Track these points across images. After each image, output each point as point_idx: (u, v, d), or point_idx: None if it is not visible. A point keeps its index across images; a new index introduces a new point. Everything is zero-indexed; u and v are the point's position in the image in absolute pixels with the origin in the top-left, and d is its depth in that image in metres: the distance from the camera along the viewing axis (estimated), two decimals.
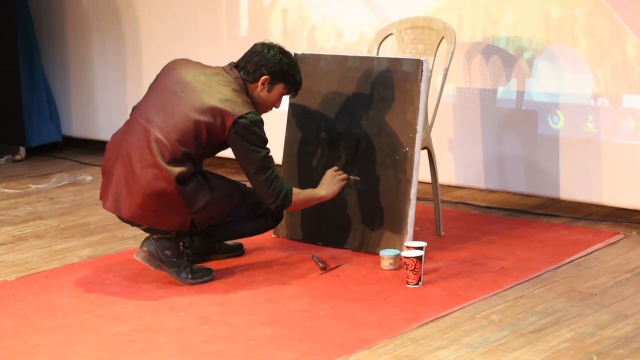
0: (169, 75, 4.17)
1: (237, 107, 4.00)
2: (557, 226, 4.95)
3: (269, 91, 4.18)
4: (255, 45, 4.22)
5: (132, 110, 4.26)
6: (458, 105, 5.40)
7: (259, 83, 4.15)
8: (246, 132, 4.00)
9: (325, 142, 4.68)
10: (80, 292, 4.07)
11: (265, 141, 4.07)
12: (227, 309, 3.85)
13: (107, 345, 3.50)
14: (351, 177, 4.51)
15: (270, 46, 4.19)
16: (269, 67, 4.14)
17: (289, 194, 4.15)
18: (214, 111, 3.99)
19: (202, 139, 4.02)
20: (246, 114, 4.00)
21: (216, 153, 4.22)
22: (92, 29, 6.94)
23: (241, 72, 4.14)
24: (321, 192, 4.34)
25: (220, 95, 4.02)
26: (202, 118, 3.99)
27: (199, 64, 4.23)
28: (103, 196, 4.17)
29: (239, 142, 4.02)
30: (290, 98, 4.34)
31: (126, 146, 4.08)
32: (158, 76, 4.24)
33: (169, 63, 4.25)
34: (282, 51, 4.20)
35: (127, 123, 4.18)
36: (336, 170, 4.43)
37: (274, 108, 4.29)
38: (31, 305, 3.92)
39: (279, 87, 4.20)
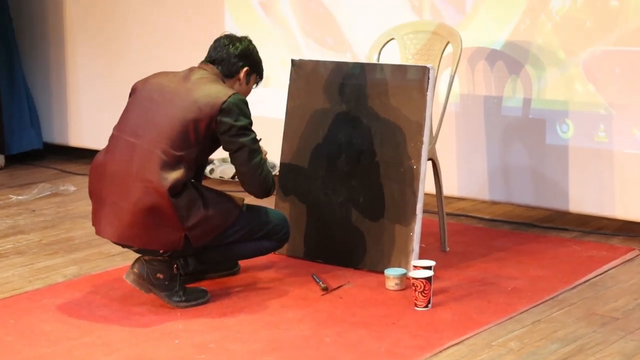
0: (143, 87, 3.98)
1: (220, 93, 3.82)
2: (568, 241, 4.72)
3: (247, 83, 4.04)
4: (222, 38, 4.03)
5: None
6: (461, 112, 5.16)
7: (240, 75, 3.99)
8: (234, 112, 3.81)
9: (325, 153, 4.43)
10: (66, 316, 3.80)
11: (252, 122, 3.89)
12: (224, 335, 3.60)
13: None
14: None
15: (238, 38, 4.03)
16: (247, 58, 4.00)
17: (274, 180, 4.00)
18: (198, 104, 3.79)
19: (190, 138, 3.79)
20: (230, 95, 3.82)
21: (209, 154, 3.97)
22: (74, 34, 6.70)
23: (218, 67, 3.96)
24: None
25: (201, 87, 3.84)
26: (188, 115, 3.78)
27: (170, 72, 4.06)
28: (95, 222, 3.91)
29: (228, 126, 3.80)
30: (254, 88, 4.13)
31: (110, 165, 3.83)
32: (131, 94, 4.03)
33: (138, 81, 4.04)
34: (250, 40, 4.07)
35: (109, 142, 3.94)
36: None
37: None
38: (13, 331, 3.66)
39: (253, 78, 4.06)
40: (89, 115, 6.71)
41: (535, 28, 4.85)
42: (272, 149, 4.56)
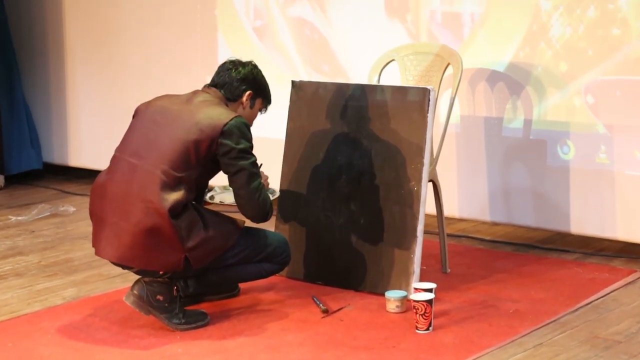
0: (146, 109, 3.98)
1: (222, 116, 3.82)
2: (569, 263, 4.69)
3: (251, 107, 4.02)
4: (227, 63, 4.03)
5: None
6: (462, 133, 5.14)
7: (243, 99, 3.98)
8: (235, 135, 3.79)
9: (325, 175, 4.41)
10: (65, 340, 3.78)
11: (252, 146, 3.87)
12: (224, 358, 3.57)
13: None
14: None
15: (242, 62, 4.03)
16: (250, 82, 3.99)
17: (272, 204, 3.95)
18: (200, 125, 3.79)
19: (191, 160, 3.78)
20: (232, 118, 3.81)
21: (210, 176, 3.95)
22: (74, 55, 6.69)
23: (222, 91, 3.96)
24: None
25: (204, 110, 3.84)
26: (189, 136, 3.78)
27: (173, 94, 4.07)
28: (95, 243, 3.89)
29: (228, 148, 3.79)
30: (261, 114, 4.11)
31: (111, 186, 3.82)
32: (134, 116, 4.03)
33: (142, 104, 4.04)
34: (255, 65, 4.06)
35: (110, 163, 3.93)
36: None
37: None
38: (12, 356, 3.63)
39: (258, 102, 4.05)
40: (88, 135, 6.70)
41: (535, 55, 4.84)
42: (272, 171, 4.56)
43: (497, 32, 4.96)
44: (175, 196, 3.73)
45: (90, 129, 6.68)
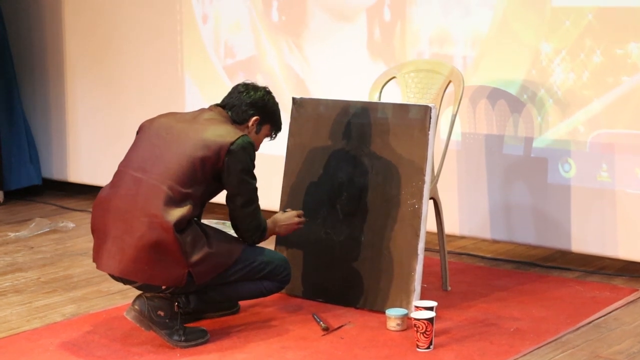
0: (151, 125, 3.98)
1: (230, 134, 3.82)
2: (570, 281, 4.68)
3: (257, 132, 4.00)
4: (239, 85, 4.04)
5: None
6: (462, 151, 5.14)
7: (249, 124, 3.97)
8: (240, 155, 3.80)
9: (326, 191, 4.40)
10: (65, 357, 3.76)
11: (254, 167, 3.89)
12: None
13: None
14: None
15: (255, 87, 4.03)
16: (259, 108, 3.98)
17: (265, 231, 3.98)
18: (207, 142, 3.79)
19: (197, 175, 3.79)
20: (239, 137, 3.82)
21: (214, 193, 3.95)
22: (73, 71, 6.69)
23: (229, 112, 3.96)
24: (277, 231, 4.12)
25: (210, 127, 3.85)
26: (196, 153, 3.78)
27: (178, 112, 4.09)
28: (96, 257, 3.88)
29: (233, 169, 3.80)
30: (270, 140, 4.10)
31: (115, 200, 3.81)
32: (138, 132, 4.03)
33: (146, 120, 4.04)
34: (268, 92, 4.06)
35: (114, 178, 3.93)
36: (299, 216, 4.19)
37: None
38: None
39: (265, 129, 4.04)
40: (88, 151, 6.69)
41: (534, 102, 4.83)
42: (272, 187, 4.56)
43: (492, 77, 4.94)
44: (180, 211, 3.73)
45: (89, 145, 6.68)
